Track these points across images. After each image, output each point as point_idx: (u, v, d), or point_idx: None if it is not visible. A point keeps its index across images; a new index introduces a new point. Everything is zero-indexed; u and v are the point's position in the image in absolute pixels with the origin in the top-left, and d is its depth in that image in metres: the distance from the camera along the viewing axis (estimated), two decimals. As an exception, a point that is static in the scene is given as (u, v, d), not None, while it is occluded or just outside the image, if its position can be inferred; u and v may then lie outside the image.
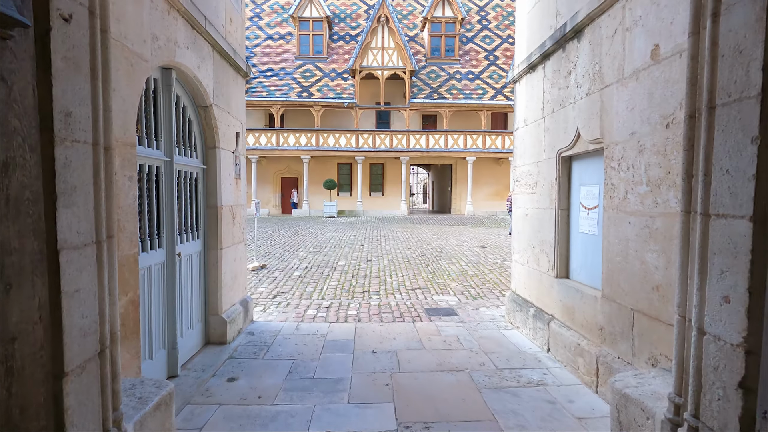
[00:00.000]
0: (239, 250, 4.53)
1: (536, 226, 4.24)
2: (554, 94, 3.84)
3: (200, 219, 3.86)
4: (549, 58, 3.95)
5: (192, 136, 3.68)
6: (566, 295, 3.59)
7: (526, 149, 4.53)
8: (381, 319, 5.11)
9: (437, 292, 6.52)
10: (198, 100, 3.66)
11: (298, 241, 11.93)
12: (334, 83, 23.07)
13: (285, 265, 8.46)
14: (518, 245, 4.75)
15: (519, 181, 4.74)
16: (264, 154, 22.52)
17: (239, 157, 4.50)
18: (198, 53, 3.40)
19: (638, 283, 2.64)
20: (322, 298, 6.07)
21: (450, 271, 7.99)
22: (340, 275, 7.56)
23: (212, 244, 3.97)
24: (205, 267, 3.95)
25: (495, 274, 7.78)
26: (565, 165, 3.79)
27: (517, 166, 4.79)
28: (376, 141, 22.42)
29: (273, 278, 7.28)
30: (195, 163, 3.72)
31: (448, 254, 9.93)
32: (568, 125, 3.57)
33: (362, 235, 13.45)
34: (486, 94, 22.96)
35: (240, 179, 4.55)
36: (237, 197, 4.45)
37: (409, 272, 7.92)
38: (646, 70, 2.56)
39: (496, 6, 26.51)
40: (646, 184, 2.56)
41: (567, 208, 3.80)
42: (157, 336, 3.09)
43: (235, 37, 4.36)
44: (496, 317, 5.16)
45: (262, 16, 25.49)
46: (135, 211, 2.46)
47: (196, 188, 3.80)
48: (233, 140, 4.32)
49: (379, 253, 10.06)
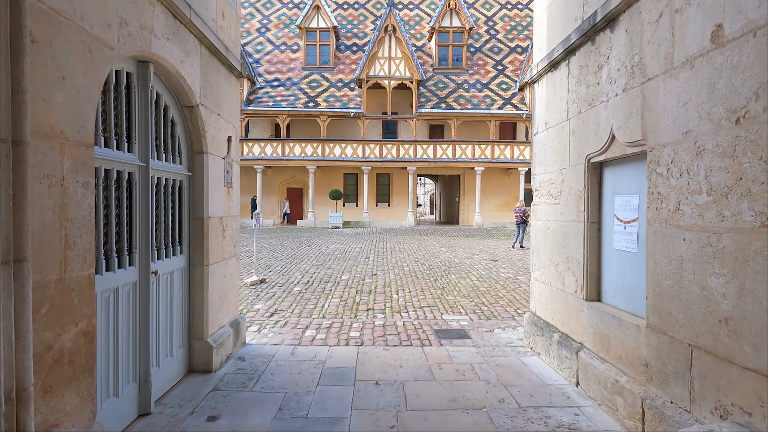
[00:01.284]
0: (230, 266, 4.12)
1: (560, 241, 3.78)
2: (581, 92, 3.42)
3: (184, 232, 3.45)
4: (574, 53, 3.54)
5: (175, 139, 3.30)
6: (599, 322, 3.12)
7: (547, 155, 4.09)
8: (386, 342, 4.65)
9: (447, 310, 6.04)
10: (182, 100, 3.29)
11: (302, 254, 11.51)
12: (341, 93, 22.89)
13: (285, 279, 8.03)
14: (539, 261, 4.28)
15: (539, 191, 4.30)
16: (269, 164, 22.30)
17: (232, 164, 4.12)
18: (181, 46, 3.04)
19: (698, 314, 2.17)
20: (323, 317, 5.62)
21: (460, 287, 7.50)
22: (343, 291, 7.11)
23: (198, 259, 3.55)
24: (190, 286, 3.54)
25: (508, 291, 7.28)
26: (596, 172, 3.34)
27: (537, 174, 4.35)
28: (382, 151, 22.11)
29: (272, 294, 6.85)
30: (178, 169, 3.33)
31: (458, 268, 9.44)
32: (600, 127, 3.14)
33: (368, 247, 13.01)
34: (494, 103, 22.61)
35: (232, 188, 4.16)
36: (228, 208, 4.05)
37: (416, 288, 7.44)
38: (705, 56, 2.13)
39: (504, 16, 26.32)
40: (708, 194, 2.11)
41: (597, 221, 3.34)
42: (126, 368, 2.66)
43: (228, 34, 4.01)
44: (513, 341, 4.66)
45: (269, 27, 25.54)
46: (90, 224, 2.05)
47: (179, 197, 3.41)
48: (224, 145, 3.94)
49: (384, 266, 9.61)
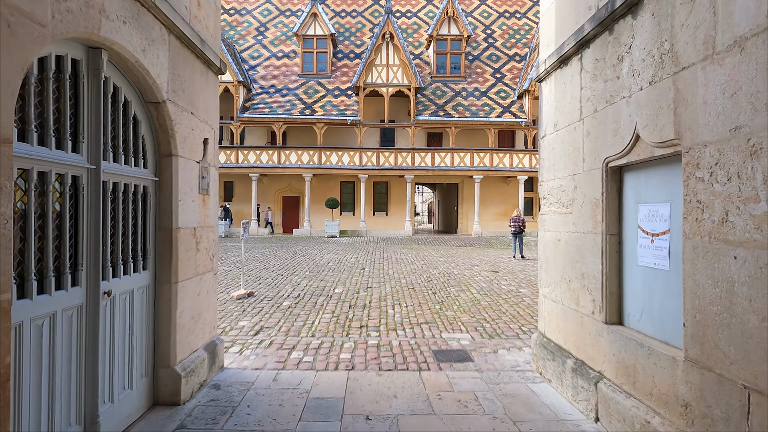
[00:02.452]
0: (206, 282, 3.70)
1: (573, 255, 3.38)
2: (597, 88, 3.05)
3: (149, 245, 3.04)
4: (588, 45, 3.17)
5: (138, 139, 2.91)
6: (622, 349, 2.70)
7: (556, 160, 3.71)
8: (380, 365, 4.21)
9: (446, 327, 5.61)
10: (146, 95, 2.90)
11: (294, 264, 11.07)
12: (338, 100, 22.63)
13: (275, 292, 7.59)
14: (548, 277, 3.88)
15: (547, 199, 3.91)
16: (265, 172, 21.94)
17: (209, 169, 3.72)
18: (143, 33, 2.66)
19: (756, 349, 1.76)
20: (312, 335, 5.18)
21: (460, 301, 7.08)
22: (336, 305, 6.68)
23: (165, 276, 3.14)
24: (155, 306, 3.12)
25: (511, 305, 6.85)
26: (615, 177, 2.96)
27: (545, 180, 3.96)
28: (380, 159, 21.78)
29: (259, 309, 6.40)
30: (142, 173, 2.93)
31: (457, 280, 9.02)
32: (620, 126, 2.76)
33: (364, 258, 12.58)
34: (493, 111, 22.38)
35: (209, 195, 3.76)
36: (204, 217, 3.65)
37: (413, 302, 7.02)
38: (759, 35, 1.76)
39: (502, 24, 26.26)
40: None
41: (618, 232, 2.95)
42: (65, 410, 2.23)
43: (205, 26, 3.64)
44: (519, 364, 4.24)
45: (266, 35, 25.37)
46: (6, 239, 1.65)
47: (144, 206, 3.01)
48: (199, 147, 3.55)
49: (380, 278, 9.18)
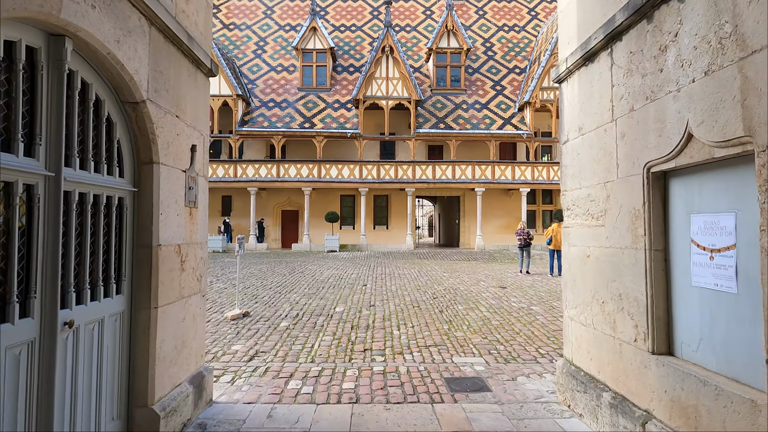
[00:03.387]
0: (192, 306, 3.29)
1: (607, 273, 2.99)
2: (633, 84, 2.70)
3: (124, 265, 2.65)
4: (620, 38, 2.84)
5: (114, 144, 2.54)
6: (678, 385, 2.29)
7: (583, 167, 3.35)
8: (387, 396, 3.77)
9: (457, 350, 5.18)
10: (123, 93, 2.55)
11: (293, 281, 10.63)
12: (338, 114, 22.46)
13: (272, 312, 7.15)
14: (575, 297, 3.47)
15: (572, 210, 3.53)
16: (264, 185, 21.61)
17: (197, 179, 3.35)
18: (118, 22, 2.32)
19: None
20: (312, 361, 4.74)
21: (469, 320, 6.64)
22: (337, 326, 6.24)
23: (143, 301, 2.74)
24: (131, 336, 2.71)
25: (524, 324, 6.42)
26: (659, 184, 2.59)
27: (569, 190, 3.59)
28: (380, 172, 21.49)
29: (254, 331, 5.96)
30: (117, 183, 2.56)
31: (464, 296, 8.58)
32: (666, 125, 2.40)
33: (365, 273, 12.15)
34: (494, 123, 22.20)
35: (197, 208, 3.38)
36: (190, 232, 3.26)
37: (420, 321, 6.58)
38: None
39: (501, 38, 26.31)
40: None
41: (663, 248, 2.56)
42: (7, 471, 1.81)
43: (193, 22, 3.31)
44: (543, 394, 3.80)
45: (265, 49, 25.36)
46: None
47: (119, 220, 2.62)
48: (185, 155, 3.18)
49: (383, 295, 8.74)
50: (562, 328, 6.21)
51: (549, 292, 9.22)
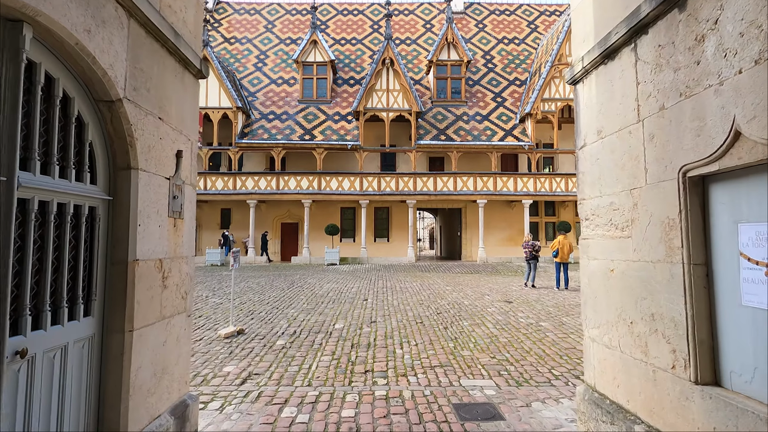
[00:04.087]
0: (175, 327, 2.98)
1: (636, 290, 2.68)
2: (664, 80, 2.44)
3: (95, 283, 2.35)
4: (646, 30, 2.59)
5: (85, 147, 2.27)
6: (731, 422, 1.97)
7: (603, 173, 3.07)
8: (390, 426, 3.43)
9: (465, 371, 4.83)
10: (97, 91, 2.28)
11: (291, 295, 10.28)
12: (338, 126, 22.35)
13: (269, 329, 6.80)
14: (597, 316, 3.16)
15: (591, 220, 3.24)
16: (263, 198, 21.38)
17: (182, 187, 3.07)
18: (89, 10, 2.07)
19: None
20: (309, 384, 4.40)
21: (476, 338, 6.30)
22: (336, 345, 5.89)
23: (116, 323, 2.43)
24: (101, 363, 2.39)
25: (534, 342, 6.07)
26: (697, 190, 2.30)
27: (587, 198, 3.31)
28: (381, 184, 21.26)
29: (249, 350, 5.62)
30: (87, 190, 2.28)
31: (469, 312, 8.23)
32: (706, 122, 2.13)
33: (366, 287, 11.80)
34: (495, 135, 22.05)
35: (183, 219, 3.09)
36: (175, 245, 2.97)
37: (424, 339, 6.23)
38: None
39: (501, 50, 26.39)
40: None
41: (705, 262, 2.26)
42: None
43: (181, 19, 3.08)
44: (561, 423, 3.46)
45: (266, 62, 25.42)
46: None
47: (90, 232, 2.34)
48: (170, 161, 2.91)
49: (385, 310, 8.39)
50: (574, 346, 5.87)
51: (557, 306, 8.87)
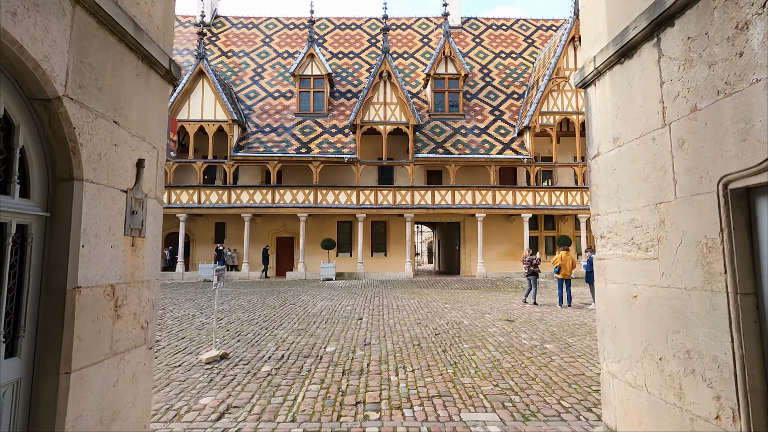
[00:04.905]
0: (131, 363, 2.57)
1: (666, 321, 2.30)
2: (696, 77, 2.10)
3: (24, 315, 1.96)
4: (672, 22, 2.27)
5: (14, 153, 1.91)
6: (800, 496, 1.57)
7: (622, 185, 2.72)
8: (382, 474, 3.00)
9: (466, 403, 4.40)
10: (29, 87, 1.93)
11: (283, 314, 9.82)
12: (335, 139, 22.13)
13: (255, 352, 6.35)
14: (618, 349, 2.77)
15: (608, 239, 2.88)
16: (258, 212, 20.99)
17: (144, 202, 2.70)
18: (16, -11, 1.72)
19: None
20: (293, 420, 3.96)
21: (477, 362, 5.86)
22: (326, 371, 5.44)
23: (49, 364, 2.03)
24: (30, 413, 1.98)
25: (539, 367, 5.64)
26: (741, 205, 1.95)
27: (603, 213, 2.96)
28: (378, 197, 20.93)
29: (230, 377, 5.17)
30: (15, 205, 1.91)
31: (469, 332, 7.79)
32: (753, 124, 1.78)
33: (361, 304, 11.34)
34: (494, 148, 21.84)
35: (144, 238, 2.71)
36: (132, 269, 2.58)
37: (421, 364, 5.79)
38: None
39: (499, 64, 26.41)
40: None
41: (754, 291, 1.89)
42: None
43: (146, 12, 2.75)
44: (577, 469, 3.03)
45: (263, 75, 25.34)
46: None
47: (20, 255, 1.96)
48: (129, 171, 2.55)
49: (380, 331, 7.95)
50: (582, 372, 5.44)
51: (561, 326, 8.44)
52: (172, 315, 9.76)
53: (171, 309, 10.70)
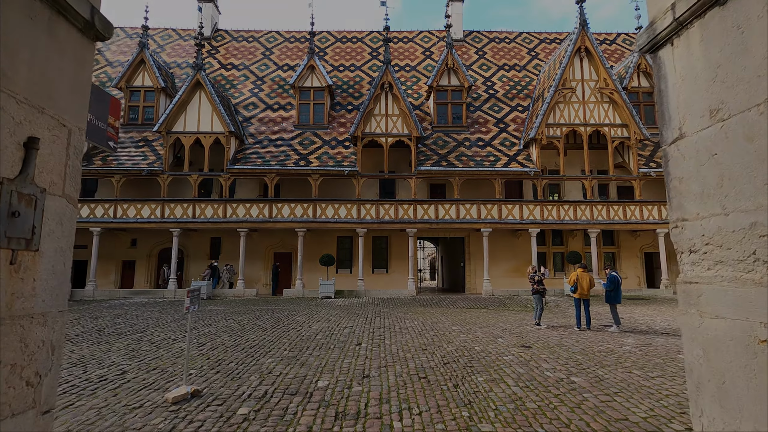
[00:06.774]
0: (2, 441, 1.70)
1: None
2: None
3: None
4: None
5: None
6: None
7: (726, 175, 1.89)
8: None
9: (489, 463, 3.47)
10: None
11: (273, 338, 8.88)
12: (335, 151, 21.45)
13: (234, 388, 5.41)
14: (728, 415, 1.88)
15: (702, 253, 2.03)
16: (255, 226, 20.17)
17: (39, 199, 1.87)
18: None
19: None
20: (266, 490, 3.04)
21: (496, 401, 4.92)
22: (315, 415, 4.51)
23: None
24: None
25: (571, 409, 4.70)
26: None
27: (690, 218, 2.11)
28: (379, 212, 20.10)
29: (198, 424, 4.24)
30: None
31: (482, 361, 6.85)
32: None
33: (361, 326, 10.39)
34: (499, 161, 21.10)
35: (38, 252, 1.87)
36: (9, 297, 1.73)
37: (429, 403, 4.86)
38: None
39: (502, 77, 25.95)
40: None
41: None
42: None
43: (52, -65, 1.97)
44: None
45: (262, 88, 24.89)
46: None
47: None
48: (10, 154, 1.72)
49: (381, 359, 7.01)
50: (626, 417, 4.50)
51: (585, 353, 7.49)
52: (151, 339, 8.83)
53: (153, 331, 9.77)
